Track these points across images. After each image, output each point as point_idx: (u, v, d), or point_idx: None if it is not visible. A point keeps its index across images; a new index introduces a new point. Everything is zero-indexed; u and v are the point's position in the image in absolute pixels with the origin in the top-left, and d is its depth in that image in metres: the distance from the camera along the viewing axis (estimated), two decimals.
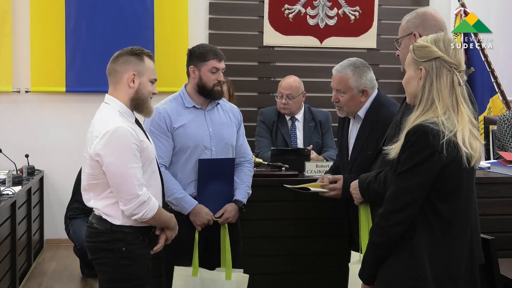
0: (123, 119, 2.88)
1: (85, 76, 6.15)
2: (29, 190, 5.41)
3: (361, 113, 3.50)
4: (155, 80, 3.01)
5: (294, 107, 4.95)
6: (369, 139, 3.41)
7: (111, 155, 2.79)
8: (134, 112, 2.98)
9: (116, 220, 2.89)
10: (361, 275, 2.51)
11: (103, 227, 2.90)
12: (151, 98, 3.00)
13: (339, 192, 3.46)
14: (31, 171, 5.71)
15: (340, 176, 3.49)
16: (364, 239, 3.06)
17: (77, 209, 5.21)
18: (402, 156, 2.34)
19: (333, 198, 3.51)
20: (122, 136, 2.80)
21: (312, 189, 3.52)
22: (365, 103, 3.50)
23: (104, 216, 2.90)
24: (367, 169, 3.15)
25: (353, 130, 3.56)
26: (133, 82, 2.92)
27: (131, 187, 2.81)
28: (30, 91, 6.17)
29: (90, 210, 5.02)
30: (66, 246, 5.98)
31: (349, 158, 3.54)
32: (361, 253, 3.13)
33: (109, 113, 2.89)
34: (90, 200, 2.95)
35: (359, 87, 3.47)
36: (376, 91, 3.54)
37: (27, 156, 5.67)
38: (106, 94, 2.99)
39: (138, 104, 2.95)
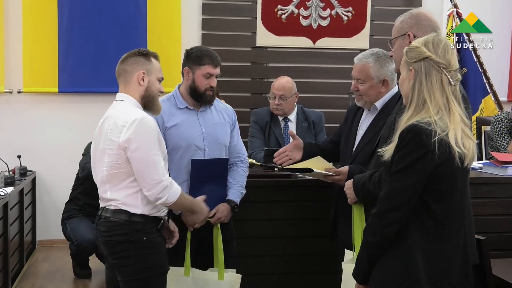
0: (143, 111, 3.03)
1: (78, 76, 6.14)
2: (21, 191, 5.40)
3: (379, 104, 3.45)
4: (162, 79, 3.14)
5: (287, 107, 4.95)
6: (380, 132, 3.36)
7: (139, 142, 2.90)
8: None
9: (136, 209, 2.94)
10: (355, 274, 2.51)
11: (120, 219, 2.95)
12: (159, 96, 3.14)
13: (343, 177, 3.37)
14: (24, 171, 5.69)
15: (346, 167, 3.42)
16: (357, 239, 3.05)
17: (74, 209, 5.21)
18: (396, 156, 2.35)
19: (336, 183, 3.44)
20: (148, 125, 2.94)
21: (316, 170, 3.41)
22: (384, 94, 3.46)
23: (123, 207, 2.94)
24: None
25: (365, 121, 3.52)
26: (143, 80, 3.05)
27: (154, 172, 2.91)
28: (22, 92, 6.15)
29: (88, 210, 5.08)
30: (58, 247, 5.96)
31: (354, 148, 3.51)
32: (354, 251, 3.11)
33: (129, 106, 3.01)
34: (106, 192, 2.99)
35: (380, 77, 3.43)
36: (396, 86, 3.51)
37: (19, 157, 5.66)
38: (118, 93, 3.10)
39: (148, 101, 3.08)
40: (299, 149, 3.67)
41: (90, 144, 5.06)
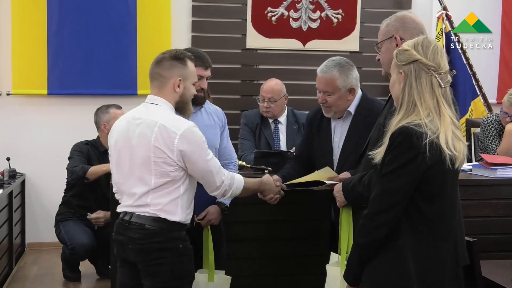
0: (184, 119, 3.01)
1: (68, 78, 6.11)
2: (10, 194, 5.36)
3: (352, 109, 3.47)
4: (196, 82, 3.13)
5: (277, 110, 4.95)
6: (365, 134, 3.35)
7: (195, 151, 2.89)
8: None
9: (174, 216, 2.90)
10: (346, 276, 2.52)
11: (158, 228, 2.88)
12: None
13: None
14: (13, 174, 5.66)
15: (346, 173, 3.36)
16: (344, 242, 3.04)
17: (68, 212, 5.17)
18: (387, 158, 2.35)
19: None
20: (198, 132, 2.93)
21: (327, 182, 3.30)
22: (352, 101, 3.47)
23: (161, 215, 2.88)
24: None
25: (339, 127, 3.52)
26: (179, 87, 2.99)
27: (216, 176, 2.98)
28: (11, 94, 6.11)
29: (82, 213, 5.06)
30: (48, 250, 5.93)
31: (335, 157, 3.49)
32: (339, 254, 3.12)
33: (172, 113, 2.97)
34: (147, 197, 2.90)
35: (347, 86, 3.43)
36: (360, 89, 3.53)
37: (8, 159, 5.63)
38: (150, 95, 3.02)
39: (182, 106, 3.05)
40: None
41: (75, 146, 5.09)
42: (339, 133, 3.51)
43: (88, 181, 4.91)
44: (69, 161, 5.04)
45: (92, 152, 5.07)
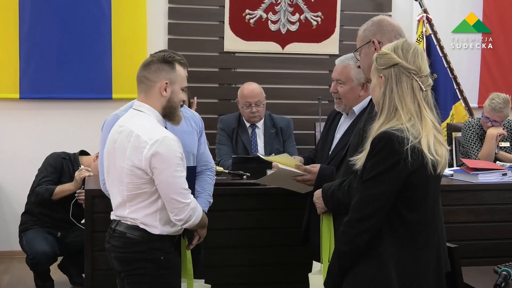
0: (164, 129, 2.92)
1: (40, 82, 6.01)
2: None
3: (357, 109, 3.44)
4: (186, 88, 3.05)
5: (263, 112, 4.95)
6: None
7: (163, 163, 2.79)
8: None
9: (155, 229, 2.87)
10: (326, 284, 2.49)
11: (139, 237, 2.85)
12: (181, 106, 3.04)
13: (313, 176, 3.31)
14: None
15: (317, 165, 3.37)
16: (325, 250, 3.01)
17: (30, 221, 5.03)
18: (368, 164, 2.33)
19: (305, 183, 3.37)
20: (171, 145, 2.82)
21: (283, 166, 3.34)
22: (363, 98, 3.43)
23: (142, 226, 2.85)
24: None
25: (343, 125, 3.51)
26: (165, 90, 2.93)
27: (182, 196, 2.84)
28: None
29: (44, 220, 4.93)
30: (20, 259, 5.81)
31: (330, 152, 3.47)
32: (321, 263, 3.10)
33: (152, 122, 2.89)
34: (125, 210, 2.89)
35: (360, 79, 3.41)
36: None
37: None
38: (137, 101, 2.97)
39: (170, 112, 2.98)
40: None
41: (50, 158, 4.97)
42: (342, 130, 3.52)
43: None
44: (37, 173, 4.90)
45: (66, 168, 4.92)
